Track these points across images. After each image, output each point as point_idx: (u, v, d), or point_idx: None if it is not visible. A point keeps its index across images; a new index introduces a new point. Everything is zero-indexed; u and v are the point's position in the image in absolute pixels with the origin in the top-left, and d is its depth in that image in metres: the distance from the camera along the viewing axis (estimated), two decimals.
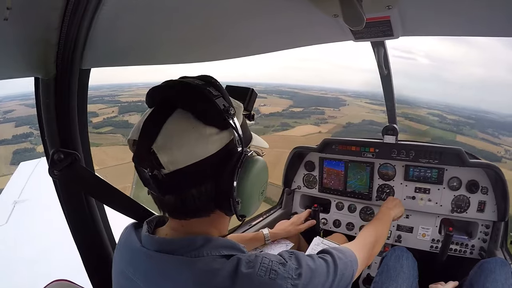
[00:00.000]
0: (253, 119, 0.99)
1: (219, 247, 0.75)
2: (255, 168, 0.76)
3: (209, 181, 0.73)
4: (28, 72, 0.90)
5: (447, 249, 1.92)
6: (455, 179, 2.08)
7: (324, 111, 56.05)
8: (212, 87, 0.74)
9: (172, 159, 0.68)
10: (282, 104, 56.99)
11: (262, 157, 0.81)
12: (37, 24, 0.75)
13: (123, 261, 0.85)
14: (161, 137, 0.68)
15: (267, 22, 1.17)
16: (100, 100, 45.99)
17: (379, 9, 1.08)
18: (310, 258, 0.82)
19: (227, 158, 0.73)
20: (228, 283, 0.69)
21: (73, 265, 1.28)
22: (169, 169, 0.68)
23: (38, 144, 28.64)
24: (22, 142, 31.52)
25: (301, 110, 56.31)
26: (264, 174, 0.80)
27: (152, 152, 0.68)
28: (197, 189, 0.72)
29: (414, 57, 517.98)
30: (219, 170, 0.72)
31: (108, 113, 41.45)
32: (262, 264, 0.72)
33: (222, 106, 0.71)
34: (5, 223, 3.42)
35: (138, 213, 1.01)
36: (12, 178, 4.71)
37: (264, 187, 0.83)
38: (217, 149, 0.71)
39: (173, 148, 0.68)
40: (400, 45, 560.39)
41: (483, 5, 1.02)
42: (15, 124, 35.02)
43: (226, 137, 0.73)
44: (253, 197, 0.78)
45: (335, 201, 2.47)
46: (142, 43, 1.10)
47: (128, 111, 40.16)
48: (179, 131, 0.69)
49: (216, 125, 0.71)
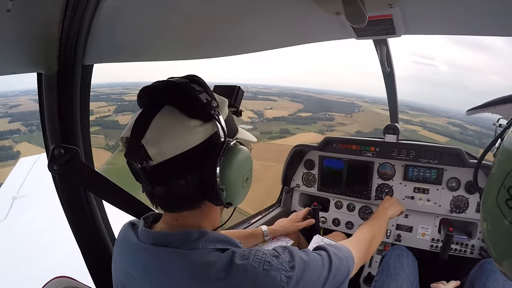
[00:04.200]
0: (241, 115, 1.03)
1: (215, 241, 0.78)
2: (237, 156, 0.79)
3: (195, 171, 0.76)
4: (30, 67, 0.90)
5: (448, 249, 1.93)
6: (454, 180, 2.08)
7: (334, 117, 53.01)
8: (195, 83, 0.79)
9: (159, 150, 0.72)
10: (290, 108, 53.98)
11: (245, 147, 0.85)
12: (39, 19, 0.75)
13: (122, 257, 0.87)
14: (150, 132, 0.73)
15: (269, 19, 1.16)
16: (106, 98, 44.83)
17: (381, 7, 1.07)
18: (304, 252, 0.84)
19: (211, 148, 0.76)
20: (223, 274, 0.71)
21: (74, 261, 1.28)
22: (156, 160, 0.72)
23: (19, 142, 28.17)
24: (5, 139, 30.88)
25: (309, 115, 53.23)
26: (246, 161, 0.83)
27: (141, 146, 0.72)
28: (184, 179, 0.75)
29: (435, 63, 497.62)
30: (204, 159, 0.76)
31: (103, 112, 40.49)
32: (256, 256, 0.75)
33: (205, 100, 0.76)
34: (4, 219, 3.42)
35: (137, 209, 1.03)
36: (11, 173, 4.71)
37: (248, 175, 0.86)
38: (201, 139, 0.75)
39: (161, 140, 0.72)
40: (420, 50, 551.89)
41: (486, 3, 1.02)
42: (10, 120, 34.34)
43: (210, 129, 0.77)
44: (237, 184, 0.81)
45: (334, 200, 2.47)
46: (145, 39, 1.09)
47: (124, 111, 39.19)
48: (166, 125, 0.74)
49: (200, 118, 0.75)
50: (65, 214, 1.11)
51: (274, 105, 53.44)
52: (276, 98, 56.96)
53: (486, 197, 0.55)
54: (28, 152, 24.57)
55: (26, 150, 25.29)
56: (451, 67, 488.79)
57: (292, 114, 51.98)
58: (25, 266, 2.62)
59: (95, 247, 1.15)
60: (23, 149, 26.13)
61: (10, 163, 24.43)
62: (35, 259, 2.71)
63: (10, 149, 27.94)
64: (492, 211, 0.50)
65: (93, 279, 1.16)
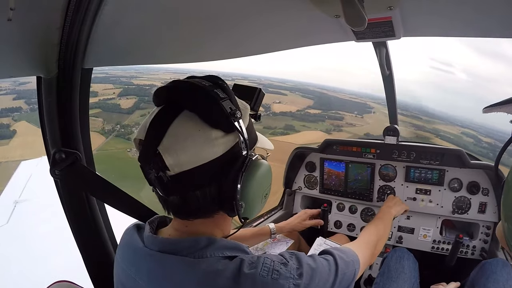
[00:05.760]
0: (259, 119, 0.99)
1: (223, 248, 0.76)
2: (259, 172, 0.76)
3: (213, 184, 0.73)
4: (30, 71, 0.90)
5: (456, 256, 1.91)
6: (456, 181, 2.07)
7: (343, 117, 49.22)
8: (219, 89, 0.74)
9: (177, 161, 0.68)
10: (300, 104, 50.54)
11: (266, 160, 0.82)
12: (39, 24, 0.75)
13: (125, 261, 0.85)
14: (167, 138, 0.68)
15: (269, 22, 1.17)
16: (115, 80, 42.44)
17: (381, 10, 1.08)
18: (311, 258, 0.82)
19: (232, 161, 0.73)
20: (231, 283, 0.69)
21: (75, 266, 1.28)
22: (174, 171, 0.69)
23: (18, 121, 27.39)
24: (6, 117, 29.87)
25: (318, 113, 49.53)
26: (267, 178, 0.81)
27: (157, 154, 0.68)
28: (201, 191, 0.73)
29: (452, 70, 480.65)
30: (224, 173, 0.72)
31: (108, 94, 38.47)
32: (264, 264, 0.73)
33: (228, 109, 0.71)
34: (6, 223, 3.42)
35: (140, 212, 1.02)
36: (13, 177, 4.71)
37: (268, 191, 0.83)
38: (222, 152, 0.71)
39: (179, 150, 0.68)
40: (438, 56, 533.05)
41: (484, 5, 1.02)
42: (15, 97, 32.63)
43: (232, 140, 0.73)
44: (256, 201, 0.78)
45: (336, 202, 2.46)
46: (144, 42, 1.10)
47: (128, 94, 37.24)
48: (185, 133, 0.69)
49: (222, 128, 0.71)
50: (67, 218, 1.11)
51: (284, 99, 50.24)
52: (287, 92, 53.15)
53: (506, 196, 0.54)
54: (25, 131, 24.54)
55: (23, 129, 25.18)
56: (469, 75, 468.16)
57: (301, 110, 48.80)
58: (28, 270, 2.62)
59: (97, 251, 1.15)
60: (20, 128, 25.86)
61: (2, 142, 24.35)
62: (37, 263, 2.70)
63: (7, 127, 27.43)
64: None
65: (93, 283, 1.16)
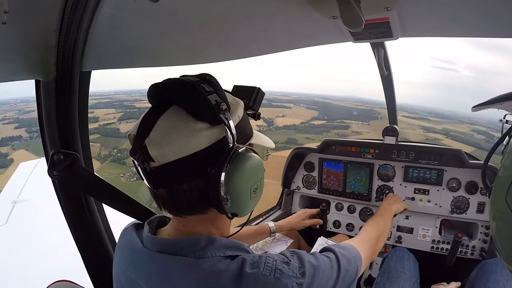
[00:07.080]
0: (259, 118, 0.98)
1: (224, 248, 0.75)
2: (245, 164, 0.74)
3: (200, 177, 0.73)
4: (28, 74, 0.90)
5: (455, 255, 1.91)
6: (454, 180, 2.08)
7: (349, 125, 48.25)
8: (206, 83, 0.75)
9: (161, 152, 0.70)
10: (304, 116, 49.49)
11: (257, 155, 0.79)
12: (36, 26, 0.75)
13: (124, 261, 0.85)
14: (154, 132, 0.71)
15: (266, 24, 1.17)
16: (118, 104, 42.78)
17: (378, 11, 1.08)
18: (313, 256, 0.82)
19: (218, 153, 0.72)
20: (233, 283, 0.69)
21: (74, 266, 1.28)
22: (159, 162, 0.71)
23: (17, 149, 27.79)
24: (5, 146, 30.49)
25: (322, 123, 48.61)
26: (256, 171, 0.77)
27: (144, 146, 0.71)
28: (187, 184, 0.73)
29: (456, 68, 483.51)
30: (209, 165, 0.72)
31: (109, 119, 38.87)
32: (267, 263, 0.72)
33: (214, 102, 0.72)
34: (4, 223, 3.42)
35: (139, 212, 1.01)
36: (12, 178, 4.72)
37: (258, 185, 0.79)
38: (208, 144, 0.72)
39: (163, 142, 0.70)
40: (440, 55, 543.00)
41: (481, 6, 1.02)
42: (17, 126, 33.37)
43: (217, 133, 0.73)
44: (243, 195, 0.76)
45: (334, 201, 2.47)
46: (142, 45, 1.10)
47: (129, 118, 37.42)
48: (170, 126, 0.71)
49: (207, 120, 0.72)
50: (66, 219, 1.11)
51: (287, 113, 49.70)
52: (291, 105, 52.84)
53: (495, 195, 0.54)
54: (22, 160, 24.75)
55: (20, 158, 25.02)
56: (473, 71, 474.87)
57: (305, 122, 48.03)
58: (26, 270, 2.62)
59: (96, 251, 1.15)
60: (18, 157, 26.03)
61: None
62: (36, 263, 2.71)
63: (5, 156, 27.85)
64: (502, 209, 0.49)
65: (93, 283, 1.16)
